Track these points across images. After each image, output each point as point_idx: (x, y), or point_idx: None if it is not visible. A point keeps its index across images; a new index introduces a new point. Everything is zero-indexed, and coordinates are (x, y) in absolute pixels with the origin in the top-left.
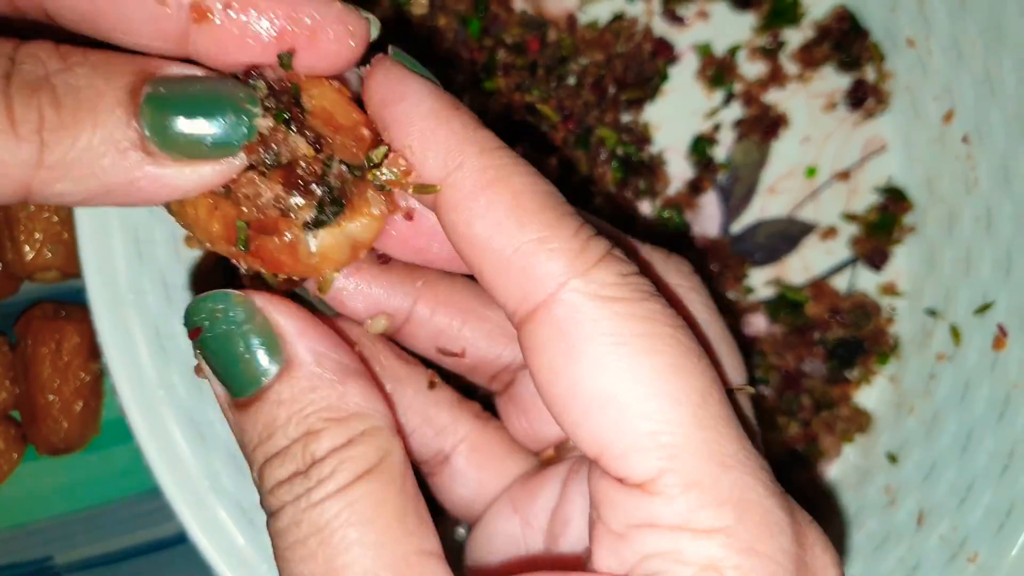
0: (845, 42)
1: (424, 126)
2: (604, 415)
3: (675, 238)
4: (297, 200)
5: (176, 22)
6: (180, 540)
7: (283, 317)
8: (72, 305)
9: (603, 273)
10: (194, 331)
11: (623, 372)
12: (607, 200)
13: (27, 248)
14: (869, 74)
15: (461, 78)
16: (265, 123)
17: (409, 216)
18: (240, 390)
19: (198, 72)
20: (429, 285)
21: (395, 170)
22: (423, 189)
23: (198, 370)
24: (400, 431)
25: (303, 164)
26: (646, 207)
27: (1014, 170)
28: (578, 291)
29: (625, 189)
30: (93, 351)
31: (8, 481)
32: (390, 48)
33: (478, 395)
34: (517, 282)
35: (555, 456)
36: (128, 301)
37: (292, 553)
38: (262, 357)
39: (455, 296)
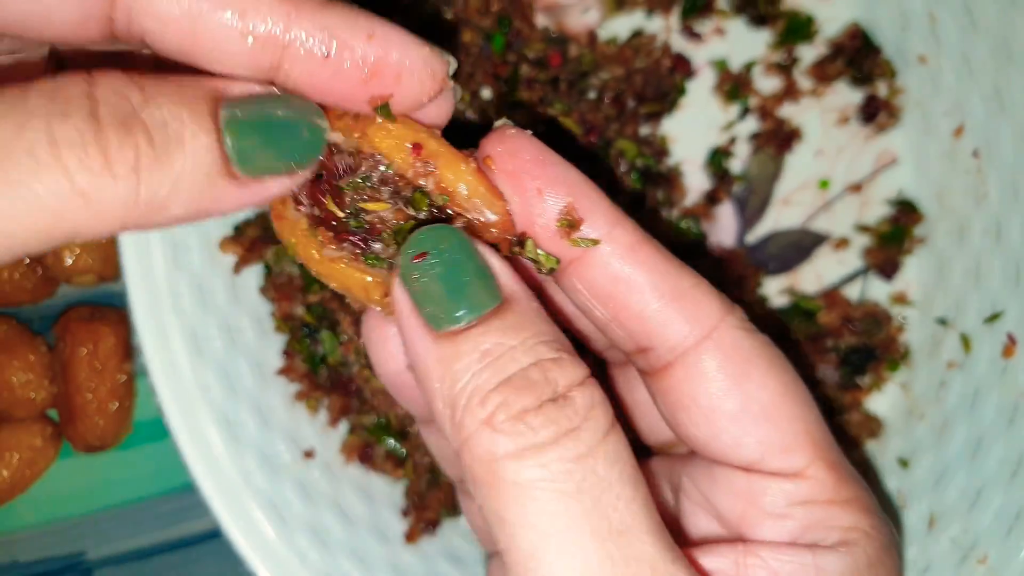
0: (858, 58)
1: (581, 186)
2: (768, 421)
3: (692, 248)
4: None
5: (271, 56)
6: (209, 536)
7: (496, 260)
8: (107, 308)
9: (739, 312)
10: (420, 254)
11: (777, 386)
12: (626, 211)
13: (67, 253)
14: (881, 89)
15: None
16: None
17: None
18: (455, 319)
19: (261, 89)
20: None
21: (540, 252)
22: (587, 242)
23: (386, 305)
24: None
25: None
26: (664, 217)
27: (1023, 184)
28: (734, 326)
29: (644, 200)
30: (127, 353)
31: (44, 477)
32: (503, 120)
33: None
34: (684, 317)
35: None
36: (166, 305)
37: (557, 501)
38: (484, 287)
39: None
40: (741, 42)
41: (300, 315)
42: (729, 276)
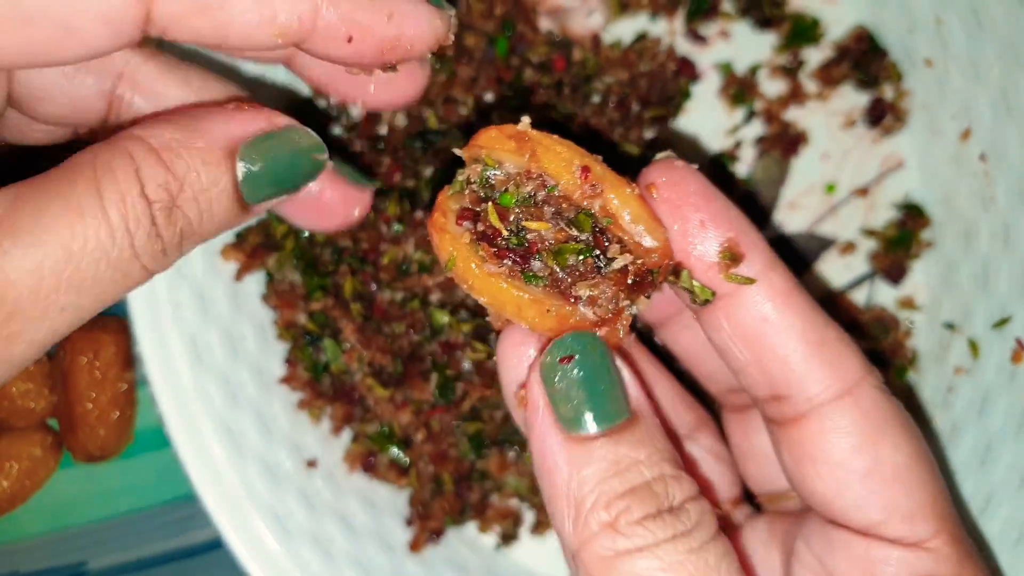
0: (864, 61)
1: (742, 223)
2: (897, 485)
3: None
4: (625, 301)
5: (296, 41)
6: (211, 547)
7: (630, 376)
8: (107, 316)
9: (878, 373)
10: (566, 357)
11: (911, 452)
12: None
13: None
14: (887, 93)
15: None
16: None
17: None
18: (589, 426)
19: (268, 124)
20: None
21: (695, 283)
22: (742, 280)
23: (521, 399)
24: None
25: (629, 274)
26: None
27: None
28: (875, 386)
29: None
30: (128, 361)
31: (44, 487)
32: (668, 152)
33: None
34: (827, 370)
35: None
36: (167, 314)
37: None
38: (617, 399)
39: (643, 361)
40: (746, 45)
41: (302, 323)
42: None
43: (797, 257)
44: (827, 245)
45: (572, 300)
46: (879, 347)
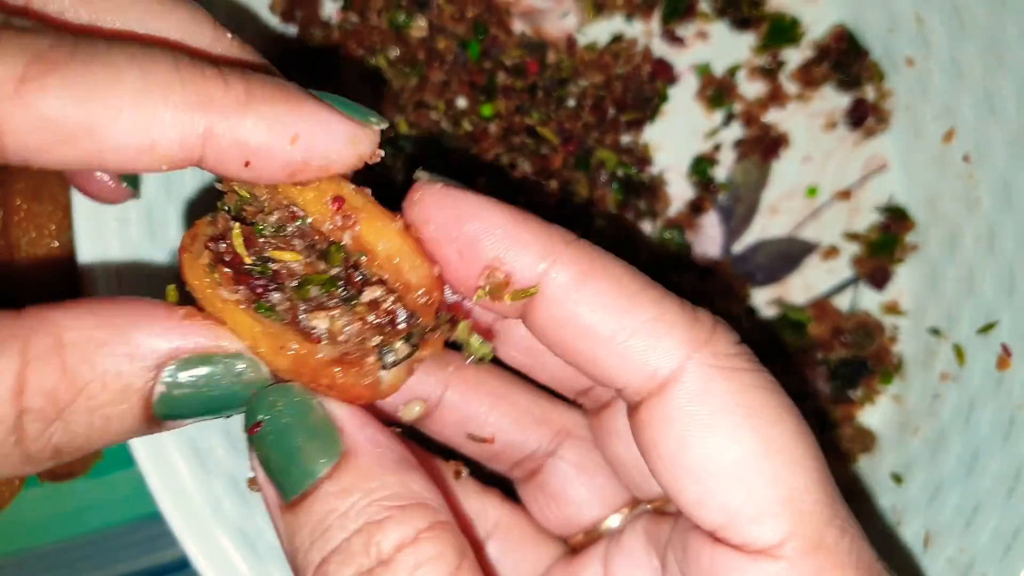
0: (844, 61)
1: (505, 236)
2: (737, 483)
3: (676, 259)
4: (377, 339)
5: (192, 156)
6: (182, 566)
7: (341, 409)
8: None
9: (721, 343)
10: (253, 426)
11: (756, 442)
12: (608, 222)
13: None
14: (869, 93)
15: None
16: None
17: (490, 335)
18: (294, 486)
19: (226, 345)
20: (459, 370)
21: (473, 338)
22: (522, 294)
23: (251, 482)
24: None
25: (379, 310)
26: (647, 228)
27: (1016, 189)
28: (704, 363)
29: (626, 210)
30: None
31: (10, 507)
32: (419, 172)
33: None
34: (640, 360)
35: (585, 540)
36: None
37: None
38: (320, 448)
39: (484, 381)
40: (724, 46)
41: None
42: (715, 288)
43: (779, 262)
44: (809, 250)
45: (313, 339)
46: (863, 354)
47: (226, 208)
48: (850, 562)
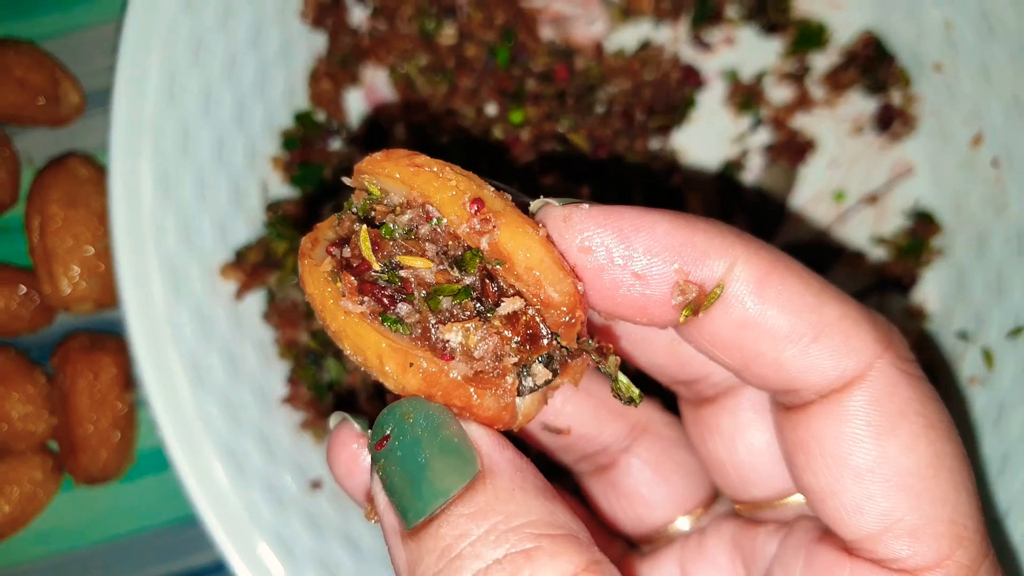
0: (871, 67)
1: (682, 245)
2: (906, 492)
3: None
4: (515, 359)
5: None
6: (215, 570)
7: (477, 427)
8: (107, 336)
9: (901, 348)
10: (380, 441)
11: (930, 455)
12: None
13: (64, 282)
14: (896, 98)
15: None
16: (505, 310)
17: (614, 339)
18: (420, 508)
19: None
20: None
21: (623, 380)
22: (711, 299)
23: (369, 513)
24: None
25: (518, 325)
26: None
27: None
28: (892, 365)
29: None
30: (128, 382)
31: (45, 511)
32: (541, 199)
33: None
34: (831, 359)
35: (654, 540)
36: (166, 335)
37: None
38: (453, 466)
39: None
40: (752, 51)
41: (304, 342)
42: None
43: (807, 266)
44: (836, 254)
45: (444, 356)
46: None
47: (353, 209)
48: None
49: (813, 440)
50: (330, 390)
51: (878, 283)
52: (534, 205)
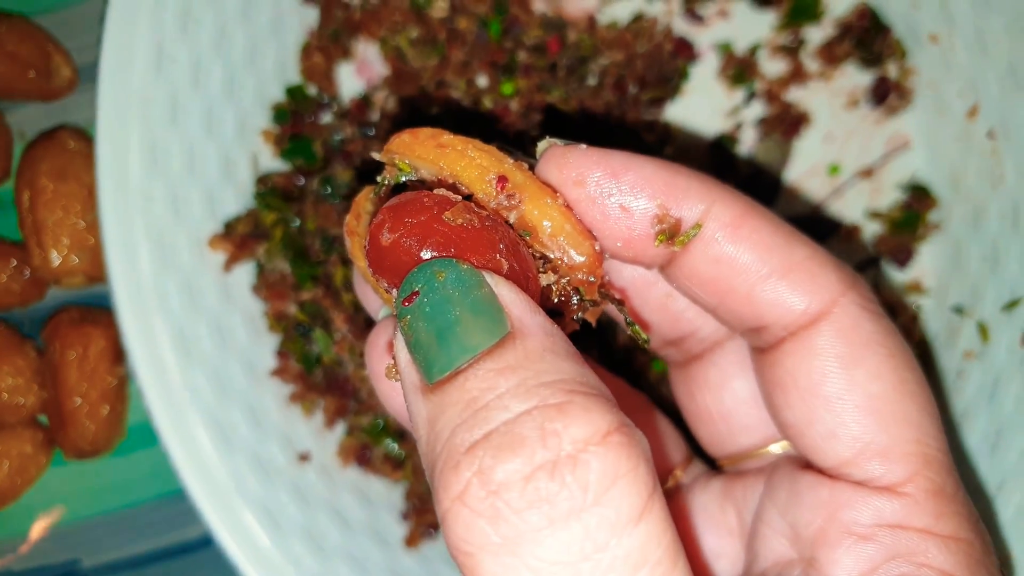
0: (867, 39)
1: (665, 184)
2: (875, 416)
3: None
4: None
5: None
6: (206, 543)
7: (511, 292)
8: (98, 310)
9: (864, 288)
10: (409, 296)
11: (894, 381)
12: None
13: (54, 254)
14: (891, 70)
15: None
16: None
17: (624, 295)
18: (445, 363)
19: None
20: None
21: (633, 327)
22: (688, 235)
23: (390, 371)
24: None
25: (551, 295)
26: None
27: None
28: (855, 303)
29: None
30: (118, 355)
31: (35, 485)
32: (548, 139)
33: None
34: (797, 293)
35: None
36: (153, 305)
37: None
38: (483, 325)
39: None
40: (745, 24)
41: (293, 313)
42: None
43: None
44: (832, 228)
45: None
46: None
47: (386, 181)
48: (964, 512)
49: (788, 376)
50: (318, 363)
51: (874, 257)
52: (540, 146)
